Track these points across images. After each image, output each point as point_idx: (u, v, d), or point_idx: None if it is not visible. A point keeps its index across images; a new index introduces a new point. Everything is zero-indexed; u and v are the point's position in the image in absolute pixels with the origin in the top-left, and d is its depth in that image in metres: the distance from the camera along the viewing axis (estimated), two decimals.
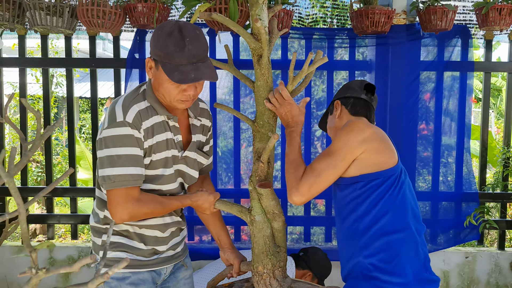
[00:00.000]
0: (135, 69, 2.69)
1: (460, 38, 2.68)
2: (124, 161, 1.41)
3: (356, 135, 1.47)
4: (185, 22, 1.43)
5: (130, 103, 1.45)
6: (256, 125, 1.64)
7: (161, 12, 2.42)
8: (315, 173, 1.47)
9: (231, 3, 2.32)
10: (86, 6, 2.34)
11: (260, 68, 1.58)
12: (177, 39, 1.38)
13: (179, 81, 1.38)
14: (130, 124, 1.41)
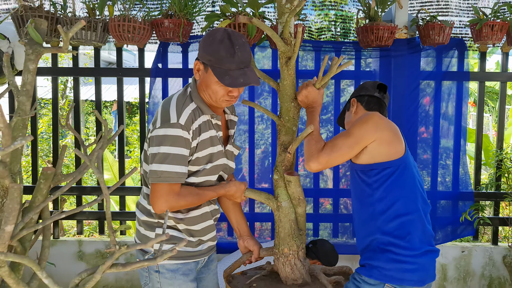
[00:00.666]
0: (158, 78, 2.94)
1: (457, 50, 2.92)
2: (172, 160, 1.55)
3: (371, 125, 1.69)
4: (232, 30, 1.60)
5: (183, 106, 1.59)
6: (282, 120, 1.83)
7: (185, 27, 2.66)
8: (335, 148, 1.69)
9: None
10: (118, 21, 2.58)
11: (287, 69, 1.78)
12: (228, 46, 1.54)
13: (229, 84, 1.53)
14: (182, 126, 1.55)
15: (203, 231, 1.74)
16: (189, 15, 2.66)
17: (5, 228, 1.06)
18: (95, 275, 1.18)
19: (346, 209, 3.14)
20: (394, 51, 2.82)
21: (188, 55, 2.95)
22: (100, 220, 3.08)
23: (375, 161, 1.70)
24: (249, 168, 3.04)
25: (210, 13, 2.76)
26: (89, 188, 3.08)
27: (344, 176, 3.11)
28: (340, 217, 3.07)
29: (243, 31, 2.60)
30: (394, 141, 1.72)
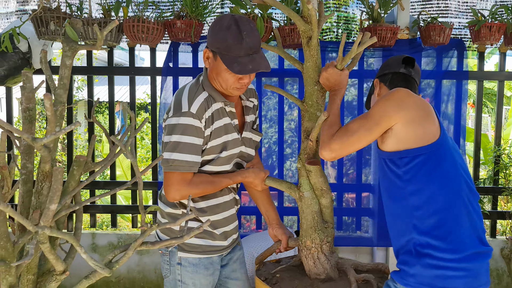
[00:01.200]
0: (169, 77, 3.06)
1: (456, 50, 3.04)
2: (183, 148, 1.55)
3: (393, 102, 1.47)
4: (240, 15, 1.56)
5: (195, 95, 1.58)
6: (305, 105, 1.72)
7: (196, 27, 2.78)
8: (349, 132, 1.50)
9: (258, 20, 2.68)
10: (132, 22, 2.70)
11: (309, 50, 1.67)
12: (235, 33, 1.50)
13: (238, 72, 1.50)
14: (193, 114, 1.55)
15: (225, 221, 1.74)
16: (200, 16, 2.78)
17: (50, 206, 1.17)
18: (127, 252, 1.30)
19: (347, 203, 3.25)
20: (396, 51, 2.94)
21: (198, 55, 3.07)
22: (113, 213, 3.20)
23: (404, 147, 1.45)
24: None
25: (220, 14, 2.88)
26: (102, 183, 3.20)
27: (346, 174, 3.22)
28: (344, 211, 3.18)
29: None
30: (423, 121, 1.46)
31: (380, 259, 3.10)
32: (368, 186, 3.14)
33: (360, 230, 3.17)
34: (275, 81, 3.12)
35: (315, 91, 1.70)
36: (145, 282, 3.14)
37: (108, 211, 3.21)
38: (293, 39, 2.77)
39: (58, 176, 1.16)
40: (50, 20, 2.68)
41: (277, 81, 3.10)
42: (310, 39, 1.66)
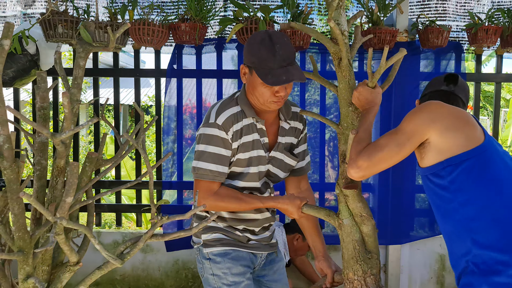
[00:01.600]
0: (174, 78, 3.12)
1: (454, 53, 3.11)
2: (207, 157, 1.61)
3: (425, 114, 1.38)
4: (273, 30, 1.63)
5: (224, 108, 1.64)
6: (341, 128, 1.66)
7: (200, 30, 2.85)
8: (377, 148, 1.39)
9: (261, 24, 2.75)
10: (138, 25, 2.77)
11: (341, 71, 1.64)
12: (269, 46, 1.54)
13: (272, 83, 1.52)
14: (219, 126, 1.61)
15: (251, 222, 1.76)
16: (204, 19, 2.85)
17: (66, 199, 1.24)
18: (138, 243, 1.36)
19: None
20: (395, 53, 2.99)
21: (202, 57, 3.14)
22: (118, 212, 3.26)
23: (446, 157, 1.33)
24: None
25: (224, 17, 2.95)
26: (107, 182, 3.26)
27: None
28: None
29: None
30: (462, 127, 1.35)
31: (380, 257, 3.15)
32: (368, 185, 3.20)
33: None
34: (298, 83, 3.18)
35: (350, 112, 1.64)
36: (149, 280, 3.20)
37: (113, 210, 3.27)
38: (294, 42, 2.84)
39: (74, 171, 1.23)
40: (58, 23, 2.75)
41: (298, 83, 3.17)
42: (340, 60, 1.63)
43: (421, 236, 3.11)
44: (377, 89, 1.61)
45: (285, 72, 1.54)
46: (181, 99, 3.13)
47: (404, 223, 3.07)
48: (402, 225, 3.05)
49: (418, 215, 3.12)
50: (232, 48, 3.14)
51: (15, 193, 1.26)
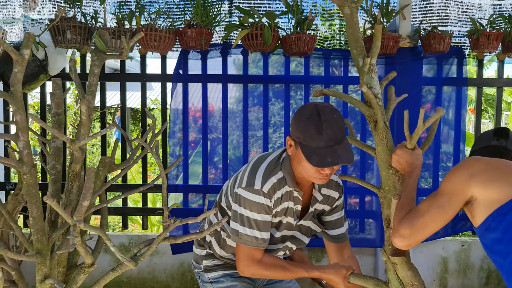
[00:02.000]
0: (179, 83, 3.17)
1: (456, 58, 3.16)
2: (253, 224, 1.60)
3: (463, 171, 1.33)
4: (323, 105, 1.56)
5: (269, 175, 1.62)
6: (382, 191, 1.62)
7: (206, 36, 2.90)
8: (418, 213, 1.35)
9: (266, 29, 2.80)
10: (145, 31, 2.82)
11: (377, 134, 1.60)
12: (316, 123, 1.49)
13: (316, 164, 1.48)
14: (265, 194, 1.59)
15: None
16: (210, 25, 2.90)
17: (82, 203, 1.28)
18: (151, 246, 1.41)
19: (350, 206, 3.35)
20: (398, 58, 3.05)
21: (207, 62, 3.18)
22: (124, 215, 3.30)
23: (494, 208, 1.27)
24: None
25: (230, 23, 3.00)
26: (114, 186, 3.30)
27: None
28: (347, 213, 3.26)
29: (260, 40, 2.84)
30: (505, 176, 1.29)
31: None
32: None
33: (364, 232, 3.27)
34: (281, 88, 3.23)
35: (390, 175, 1.59)
36: (155, 282, 3.24)
37: (119, 213, 3.31)
38: (299, 48, 2.88)
39: (91, 175, 1.27)
40: (66, 29, 2.80)
41: (283, 87, 3.22)
42: (376, 123, 1.60)
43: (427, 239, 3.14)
44: (417, 151, 1.55)
45: (332, 153, 1.49)
46: (186, 103, 3.17)
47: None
48: None
49: None
50: (237, 53, 3.18)
51: (34, 197, 1.30)
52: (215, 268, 1.83)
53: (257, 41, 2.84)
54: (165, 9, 3.11)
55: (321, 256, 3.22)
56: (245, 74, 3.18)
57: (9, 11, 3.28)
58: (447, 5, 3.18)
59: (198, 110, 3.25)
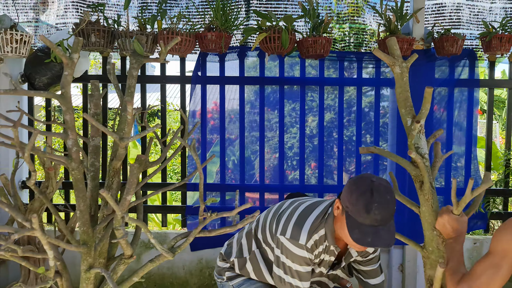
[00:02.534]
0: (198, 85, 3.26)
1: (468, 60, 3.23)
2: (295, 275, 1.68)
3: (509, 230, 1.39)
4: (379, 183, 1.55)
5: (314, 231, 1.68)
6: (426, 251, 1.62)
7: (226, 39, 2.99)
8: (475, 276, 1.38)
9: (283, 33, 2.89)
10: (166, 34, 2.92)
11: (423, 194, 1.60)
12: (367, 201, 1.50)
13: (356, 240, 1.51)
14: (308, 249, 1.66)
15: None
16: (229, 29, 2.99)
17: (126, 197, 1.37)
18: (188, 238, 1.49)
19: None
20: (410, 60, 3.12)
21: (225, 64, 3.27)
22: (144, 213, 3.39)
23: None
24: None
25: (248, 27, 3.09)
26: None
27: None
28: None
29: (278, 43, 2.92)
30: None
31: (397, 257, 3.26)
32: None
33: None
34: (297, 89, 3.31)
35: (434, 236, 1.60)
36: (174, 278, 3.33)
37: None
38: (315, 50, 2.97)
39: (135, 171, 1.36)
40: (91, 33, 2.90)
41: (298, 89, 3.30)
42: (422, 184, 1.60)
43: None
44: (463, 218, 1.56)
45: (373, 233, 1.51)
46: (205, 105, 3.27)
47: (420, 224, 3.17)
48: (418, 225, 3.14)
49: None
50: (254, 55, 3.27)
51: (81, 191, 1.40)
52: (238, 276, 1.95)
53: (274, 44, 2.93)
54: (185, 13, 3.21)
55: None
56: (262, 76, 3.27)
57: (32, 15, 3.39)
58: (459, 8, 3.26)
59: (209, 112, 3.35)
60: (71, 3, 3.26)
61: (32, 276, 2.91)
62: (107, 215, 1.51)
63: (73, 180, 1.39)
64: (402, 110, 1.71)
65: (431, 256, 1.60)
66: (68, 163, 1.36)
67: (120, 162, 1.52)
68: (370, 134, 3.37)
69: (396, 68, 1.71)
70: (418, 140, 1.62)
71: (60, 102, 1.33)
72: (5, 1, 3.31)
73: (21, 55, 2.97)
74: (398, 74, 1.71)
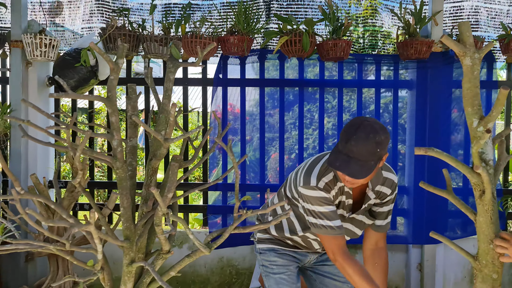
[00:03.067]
0: (219, 87, 3.34)
1: (486, 62, 3.27)
2: (322, 216, 1.77)
3: None
4: (369, 123, 1.66)
5: (322, 175, 1.79)
6: (478, 264, 1.54)
7: (248, 42, 3.06)
8: None
9: (304, 36, 2.95)
10: (190, 38, 3.00)
11: (482, 204, 1.50)
12: (350, 132, 1.65)
13: (327, 161, 1.69)
14: (321, 189, 1.77)
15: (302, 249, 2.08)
16: (251, 32, 3.07)
17: (167, 195, 1.45)
18: (224, 234, 1.56)
19: None
20: (430, 62, 3.17)
21: (246, 67, 3.35)
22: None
23: None
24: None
25: (270, 30, 3.16)
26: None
27: None
28: None
29: (298, 46, 2.99)
30: None
31: (416, 256, 3.31)
32: (403, 188, 3.36)
33: (395, 229, 3.39)
34: (316, 91, 3.37)
35: (490, 250, 1.51)
36: (195, 276, 3.41)
37: None
38: (335, 53, 3.03)
39: (175, 170, 1.44)
40: (117, 37, 2.99)
41: (317, 90, 3.36)
42: (483, 193, 1.50)
43: (455, 237, 3.25)
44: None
45: (345, 161, 1.64)
46: (226, 106, 3.34)
47: (438, 224, 3.22)
48: (436, 225, 3.20)
49: (452, 216, 3.27)
50: (274, 58, 3.34)
51: (124, 189, 1.47)
52: (264, 241, 2.11)
53: (295, 47, 3.00)
54: (208, 17, 3.29)
55: (354, 252, 3.35)
56: (282, 78, 3.33)
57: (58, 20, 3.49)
58: (477, 11, 3.30)
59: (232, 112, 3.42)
60: (96, 8, 3.36)
61: (61, 272, 3.00)
62: (147, 212, 1.58)
63: (117, 178, 1.47)
64: (469, 109, 1.52)
65: (484, 270, 1.53)
66: (113, 162, 1.44)
67: (158, 162, 1.60)
68: None
69: (467, 59, 1.52)
70: (485, 146, 1.51)
71: (106, 104, 1.41)
72: (33, 7, 3.42)
73: (49, 58, 3.08)
74: (468, 66, 1.51)
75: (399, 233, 3.40)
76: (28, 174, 3.18)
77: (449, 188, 1.64)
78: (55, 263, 3.00)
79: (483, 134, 1.48)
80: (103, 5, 3.37)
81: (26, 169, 3.23)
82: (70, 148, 1.33)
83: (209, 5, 3.33)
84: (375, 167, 1.66)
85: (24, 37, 3.01)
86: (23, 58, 3.18)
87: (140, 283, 1.62)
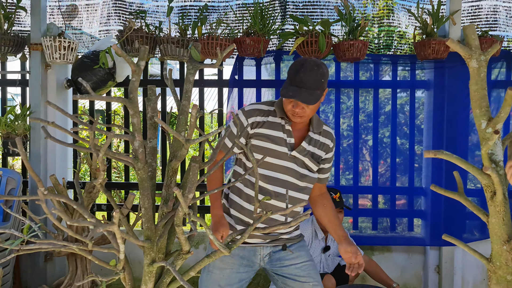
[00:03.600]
0: (235, 88, 3.35)
1: (505, 62, 3.23)
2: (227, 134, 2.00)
3: None
4: (313, 58, 1.90)
5: (260, 105, 1.99)
6: (492, 266, 1.53)
7: (264, 44, 3.07)
8: None
9: (321, 37, 2.95)
10: (207, 40, 3.01)
11: (494, 205, 1.50)
12: (297, 67, 1.85)
13: (281, 93, 1.84)
14: (244, 112, 1.97)
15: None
16: (267, 34, 3.07)
17: (188, 195, 1.45)
18: (243, 235, 1.57)
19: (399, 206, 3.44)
20: (447, 62, 3.14)
21: (261, 68, 3.35)
22: None
23: None
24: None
25: (286, 31, 3.17)
26: None
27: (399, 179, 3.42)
28: (397, 213, 3.38)
29: (315, 47, 2.99)
30: None
31: (434, 258, 3.27)
32: (421, 189, 3.33)
33: (412, 230, 3.36)
34: (331, 92, 3.36)
35: (504, 251, 1.49)
36: None
37: None
38: (352, 53, 3.02)
39: (195, 171, 1.45)
40: (134, 39, 3.02)
41: (333, 91, 3.35)
42: (494, 195, 1.50)
43: (473, 239, 3.21)
44: None
45: (296, 91, 1.81)
46: (241, 107, 3.35)
47: (456, 226, 3.18)
48: (454, 227, 3.17)
49: (470, 218, 3.23)
50: (290, 59, 3.34)
51: (145, 190, 1.49)
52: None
53: (311, 48, 2.99)
54: (224, 18, 3.30)
55: (370, 254, 3.32)
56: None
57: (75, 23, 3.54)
58: (496, 10, 3.26)
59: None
60: (114, 11, 3.40)
61: (80, 272, 3.04)
62: (167, 212, 1.59)
63: (139, 179, 1.48)
64: (477, 111, 1.52)
65: (498, 272, 1.52)
66: (135, 163, 1.45)
67: (178, 163, 1.61)
68: (400, 136, 3.40)
69: (473, 62, 1.53)
70: (493, 146, 1.50)
71: (128, 106, 1.43)
72: (52, 10, 3.47)
73: (68, 61, 3.12)
74: (475, 69, 1.52)
75: (416, 234, 3.37)
76: (47, 175, 3.22)
77: (460, 190, 1.63)
78: (74, 262, 3.03)
79: (492, 135, 1.48)
80: (120, 8, 3.40)
81: (46, 170, 3.27)
82: (93, 149, 1.35)
83: (225, 7, 3.34)
84: (321, 96, 1.86)
85: (44, 40, 3.05)
86: (43, 61, 3.23)
87: (160, 283, 1.64)
